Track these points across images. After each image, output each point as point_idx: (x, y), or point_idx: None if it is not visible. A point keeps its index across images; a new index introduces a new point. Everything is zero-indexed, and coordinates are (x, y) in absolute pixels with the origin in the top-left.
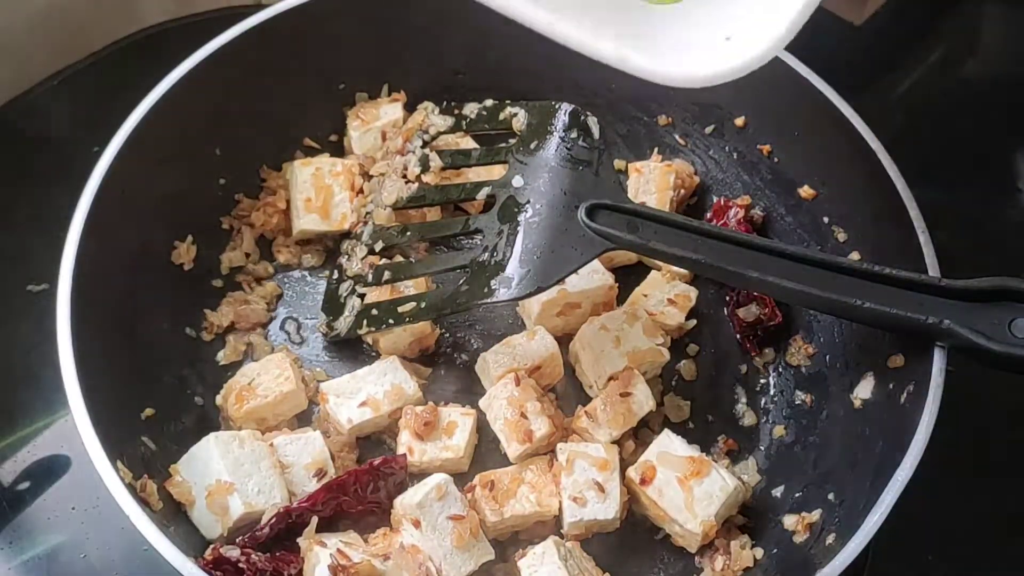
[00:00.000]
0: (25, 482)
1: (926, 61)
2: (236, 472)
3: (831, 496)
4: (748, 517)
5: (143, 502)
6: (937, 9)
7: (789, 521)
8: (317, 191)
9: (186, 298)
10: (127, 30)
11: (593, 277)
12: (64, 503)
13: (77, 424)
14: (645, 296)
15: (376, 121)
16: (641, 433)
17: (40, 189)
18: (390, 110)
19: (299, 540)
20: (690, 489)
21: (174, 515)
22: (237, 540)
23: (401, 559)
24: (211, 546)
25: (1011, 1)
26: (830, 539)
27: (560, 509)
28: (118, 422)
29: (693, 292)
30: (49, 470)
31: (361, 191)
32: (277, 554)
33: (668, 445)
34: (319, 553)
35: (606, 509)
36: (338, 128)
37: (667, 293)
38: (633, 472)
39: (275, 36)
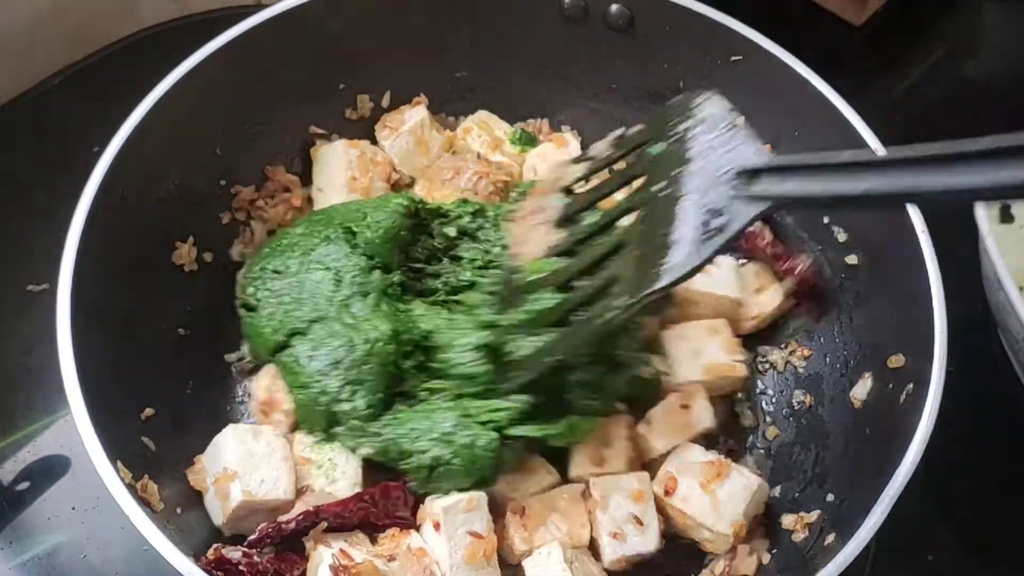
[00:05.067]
0: (25, 482)
1: (926, 61)
2: (244, 462)
3: (831, 496)
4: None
5: (143, 502)
6: (937, 9)
7: (788, 521)
8: (362, 171)
9: (186, 298)
10: (127, 30)
11: (722, 283)
12: (64, 503)
13: (77, 424)
14: None
15: (403, 126)
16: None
17: (40, 189)
18: (414, 114)
19: (304, 539)
20: (713, 492)
21: (174, 515)
22: (260, 528)
23: (406, 561)
24: (213, 546)
25: (1011, 1)
26: (830, 539)
27: (591, 540)
28: (118, 422)
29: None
30: (49, 470)
31: (395, 185)
32: (282, 555)
33: (686, 454)
34: (322, 552)
35: (647, 542)
36: (339, 129)
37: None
38: (656, 486)
39: (275, 36)
